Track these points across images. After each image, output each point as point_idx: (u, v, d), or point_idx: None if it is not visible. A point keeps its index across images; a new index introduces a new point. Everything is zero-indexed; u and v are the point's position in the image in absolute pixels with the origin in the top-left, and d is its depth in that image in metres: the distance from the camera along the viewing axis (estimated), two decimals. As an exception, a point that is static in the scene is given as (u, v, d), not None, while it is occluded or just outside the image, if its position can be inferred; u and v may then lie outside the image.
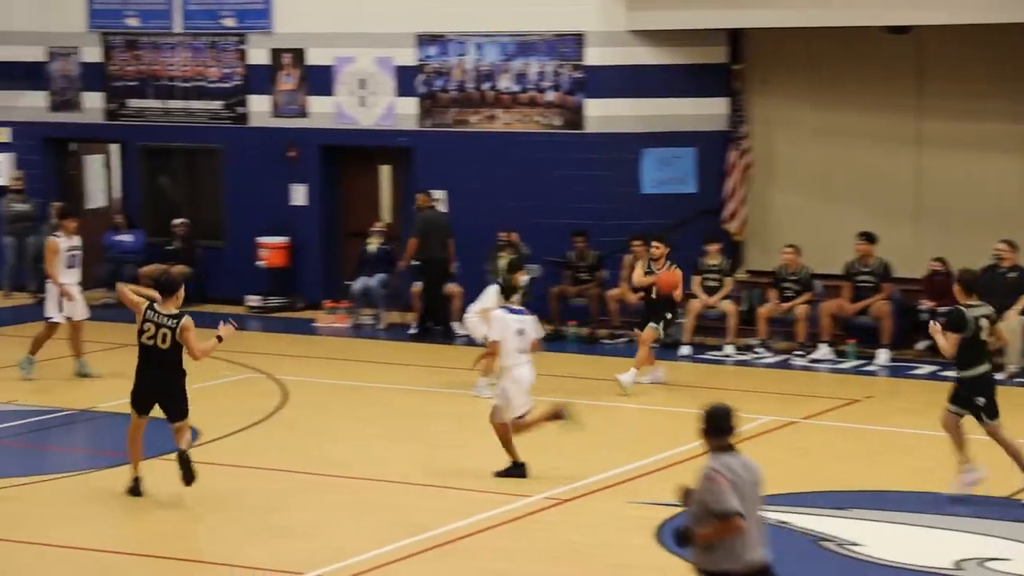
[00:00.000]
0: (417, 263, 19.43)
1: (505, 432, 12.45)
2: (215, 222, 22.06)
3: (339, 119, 21.12)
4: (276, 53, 21.37)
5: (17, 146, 22.89)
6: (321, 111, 21.16)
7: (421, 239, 19.30)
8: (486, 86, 20.28)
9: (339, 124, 21.12)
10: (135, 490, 11.88)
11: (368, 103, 20.93)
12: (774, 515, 10.13)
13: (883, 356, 17.65)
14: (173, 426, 11.80)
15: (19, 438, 14.41)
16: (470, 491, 12.24)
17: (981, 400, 11.80)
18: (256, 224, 21.17)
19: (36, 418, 14.94)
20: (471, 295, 17.72)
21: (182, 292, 11.96)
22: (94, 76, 22.34)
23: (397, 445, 14.00)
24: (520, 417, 12.46)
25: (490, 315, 13.16)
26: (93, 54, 22.33)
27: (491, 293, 14.90)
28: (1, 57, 22.22)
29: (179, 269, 19.69)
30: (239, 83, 21.63)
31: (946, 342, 11.75)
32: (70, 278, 16.42)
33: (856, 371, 17.40)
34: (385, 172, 21.55)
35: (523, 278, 15.02)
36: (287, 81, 21.40)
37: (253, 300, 21.24)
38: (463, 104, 20.42)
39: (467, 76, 20.37)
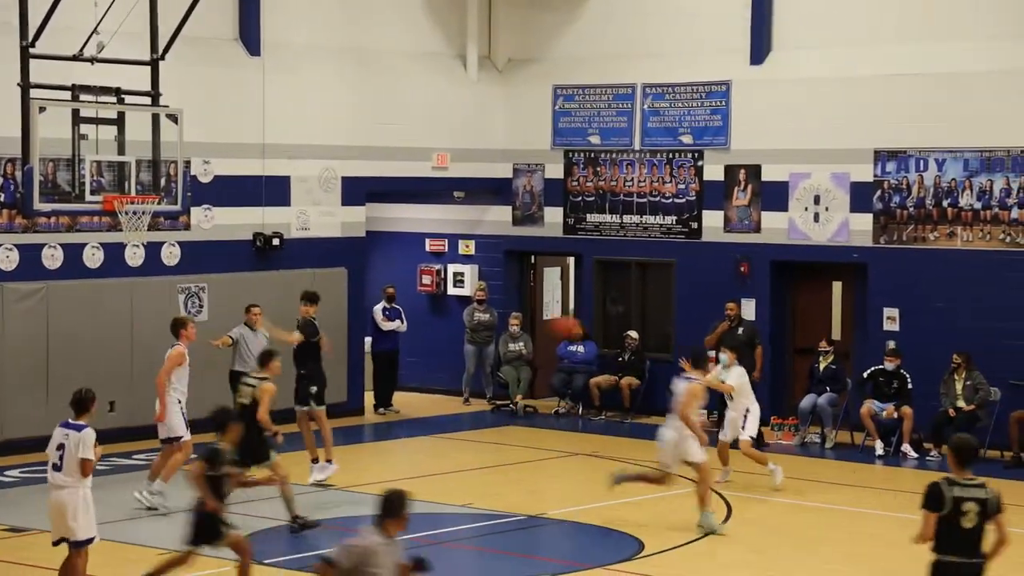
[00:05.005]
0: None
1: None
2: (665, 335, 22.30)
3: (792, 235, 21.00)
4: (731, 169, 21.52)
5: (481, 258, 23.92)
6: (774, 226, 21.11)
7: None
8: (946, 202, 19.72)
9: (791, 240, 20.99)
10: None
11: (822, 219, 20.72)
12: None
13: None
14: None
15: (470, 541, 14.86)
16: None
17: None
18: (704, 338, 21.22)
19: (487, 522, 15.39)
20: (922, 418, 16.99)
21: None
22: (555, 192, 23.15)
23: (850, 569, 13.65)
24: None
25: None
26: (555, 171, 23.15)
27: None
28: (472, 173, 23.29)
29: None
30: (693, 199, 21.90)
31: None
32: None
33: None
34: (837, 289, 21.23)
35: None
36: (741, 197, 21.49)
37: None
38: (921, 221, 19.90)
39: (926, 192, 19.87)
